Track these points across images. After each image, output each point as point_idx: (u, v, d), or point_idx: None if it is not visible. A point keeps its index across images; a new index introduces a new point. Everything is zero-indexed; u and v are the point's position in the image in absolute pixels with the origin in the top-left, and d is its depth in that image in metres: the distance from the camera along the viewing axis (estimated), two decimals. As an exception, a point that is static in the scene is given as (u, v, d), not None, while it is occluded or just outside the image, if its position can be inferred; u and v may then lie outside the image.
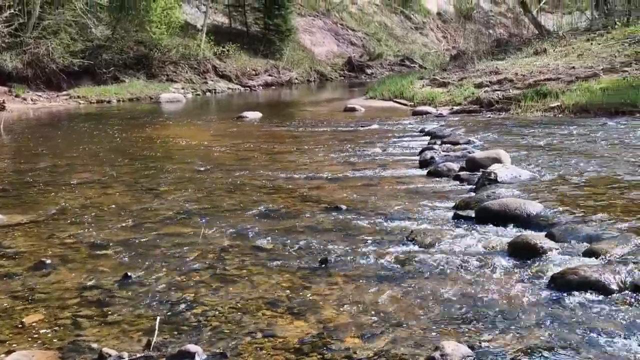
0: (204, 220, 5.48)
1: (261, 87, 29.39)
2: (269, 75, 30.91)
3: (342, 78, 34.19)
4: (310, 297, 3.64)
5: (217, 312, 3.49)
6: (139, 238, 5.03)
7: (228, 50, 28.97)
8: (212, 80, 27.97)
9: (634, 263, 3.77)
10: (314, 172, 7.70)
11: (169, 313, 3.52)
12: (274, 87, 29.30)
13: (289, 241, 4.77)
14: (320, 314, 3.39)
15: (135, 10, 24.43)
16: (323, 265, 4.18)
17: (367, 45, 38.06)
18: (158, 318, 3.35)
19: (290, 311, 3.45)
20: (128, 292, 3.87)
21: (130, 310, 3.59)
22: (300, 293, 3.71)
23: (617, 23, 22.19)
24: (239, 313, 3.46)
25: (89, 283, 4.06)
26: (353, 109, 16.38)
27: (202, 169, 8.18)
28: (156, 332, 3.20)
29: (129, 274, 4.13)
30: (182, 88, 25.72)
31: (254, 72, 30.28)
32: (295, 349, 3.02)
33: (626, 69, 15.60)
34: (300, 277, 3.99)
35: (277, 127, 13.36)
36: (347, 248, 4.51)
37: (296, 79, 31.70)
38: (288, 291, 3.75)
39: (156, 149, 10.52)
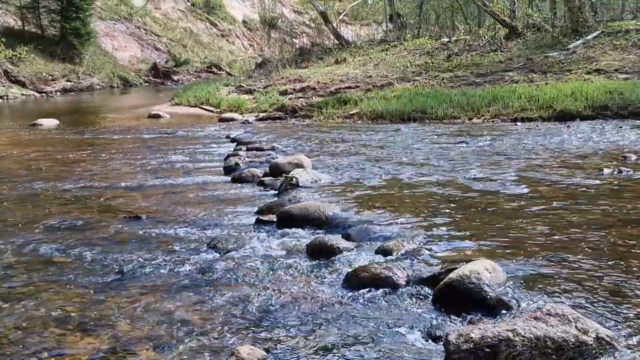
0: (-13, 236, 5.04)
1: (59, 93, 27.83)
2: (68, 80, 29.37)
3: (148, 84, 33.37)
4: (104, 312, 3.47)
5: (-3, 334, 3.20)
6: None
7: (20, 54, 27.07)
8: (3, 86, 26.00)
9: (418, 258, 4.05)
10: (114, 181, 7.41)
11: (-60, 340, 3.18)
12: (73, 93, 27.84)
13: (83, 254, 4.52)
14: (113, 329, 3.24)
15: None
16: (119, 278, 4.01)
17: (173, 51, 37.47)
18: None
19: (81, 327, 3.26)
20: None
21: None
22: (93, 308, 3.53)
23: (409, 35, 23.79)
24: (24, 332, 3.21)
25: None
26: (158, 116, 16.04)
27: (-13, 180, 7.54)
28: None
29: None
30: (-31, 94, 23.65)
31: (50, 78, 28.62)
32: (85, 366, 2.87)
33: (417, 78, 16.78)
34: (93, 291, 3.79)
35: (75, 135, 12.70)
36: (145, 259, 4.37)
37: (98, 84, 30.41)
38: (79, 306, 3.54)
39: None
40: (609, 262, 3.85)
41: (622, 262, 3.84)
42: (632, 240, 4.27)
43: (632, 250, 4.06)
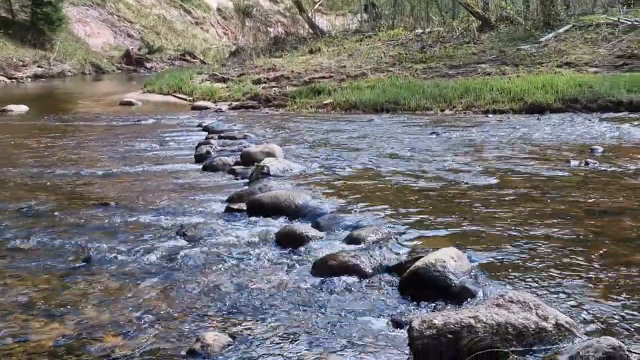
0: (-47, 222, 4.97)
1: (30, 79, 27.41)
2: (39, 66, 28.94)
3: (120, 71, 33.01)
4: (70, 298, 3.45)
5: (-39, 321, 3.17)
6: None
7: (-10, 39, 26.64)
8: (-28, 71, 25.58)
9: (386, 247, 4.09)
10: (84, 168, 7.35)
11: None
12: (44, 79, 27.44)
13: (50, 241, 4.49)
14: (79, 315, 3.23)
15: None
16: (85, 264, 3.99)
17: (146, 38, 37.07)
18: None
19: (47, 313, 3.25)
20: None
21: None
22: (59, 294, 3.51)
23: (384, 26, 23.82)
24: (-12, 319, 3.19)
25: None
26: (130, 103, 15.91)
27: (-46, 166, 7.43)
28: None
29: None
30: (-64, 79, 23.20)
31: (21, 63, 28.19)
32: (50, 352, 2.85)
33: (391, 69, 16.83)
34: (59, 277, 3.77)
35: (46, 121, 12.56)
36: (113, 246, 4.34)
37: (69, 71, 29.99)
38: (45, 293, 3.53)
39: None
40: (572, 252, 3.93)
41: (585, 252, 3.92)
42: (596, 231, 4.36)
43: (595, 241, 4.14)
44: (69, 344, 2.92)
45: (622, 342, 2.54)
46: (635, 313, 3.04)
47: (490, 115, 11.66)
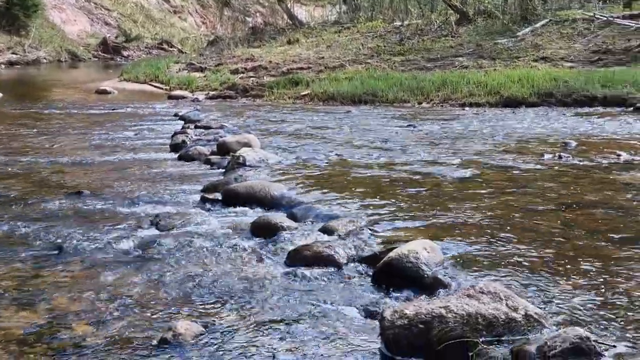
0: None
1: (4, 66, 26.98)
2: (14, 53, 28.47)
3: (97, 59, 32.61)
4: (41, 287, 3.43)
5: None
6: None
7: (-37, 25, 26.13)
8: (-56, 57, 25.11)
9: (361, 238, 4.11)
10: (58, 156, 7.28)
11: None
12: (19, 66, 27.05)
13: (22, 229, 4.44)
14: (50, 303, 3.21)
15: None
16: (57, 253, 3.96)
17: (123, 27, 36.68)
18: None
19: (17, 302, 3.22)
20: None
21: None
22: (30, 283, 3.48)
23: (363, 18, 23.81)
24: (-44, 308, 3.15)
25: None
26: (105, 91, 15.77)
27: None
28: None
29: None
30: None
31: (-5, 49, 27.72)
32: (19, 340, 2.82)
33: (369, 60, 16.84)
34: (31, 266, 3.74)
35: (19, 109, 12.38)
36: (87, 234, 4.31)
37: (45, 58, 29.54)
38: (16, 281, 3.49)
39: None
40: (544, 244, 3.97)
41: (556, 244, 3.97)
42: (567, 223, 4.41)
43: (566, 233, 4.19)
44: (39, 332, 2.90)
45: (589, 332, 2.58)
46: (603, 304, 3.09)
47: (466, 109, 11.73)
